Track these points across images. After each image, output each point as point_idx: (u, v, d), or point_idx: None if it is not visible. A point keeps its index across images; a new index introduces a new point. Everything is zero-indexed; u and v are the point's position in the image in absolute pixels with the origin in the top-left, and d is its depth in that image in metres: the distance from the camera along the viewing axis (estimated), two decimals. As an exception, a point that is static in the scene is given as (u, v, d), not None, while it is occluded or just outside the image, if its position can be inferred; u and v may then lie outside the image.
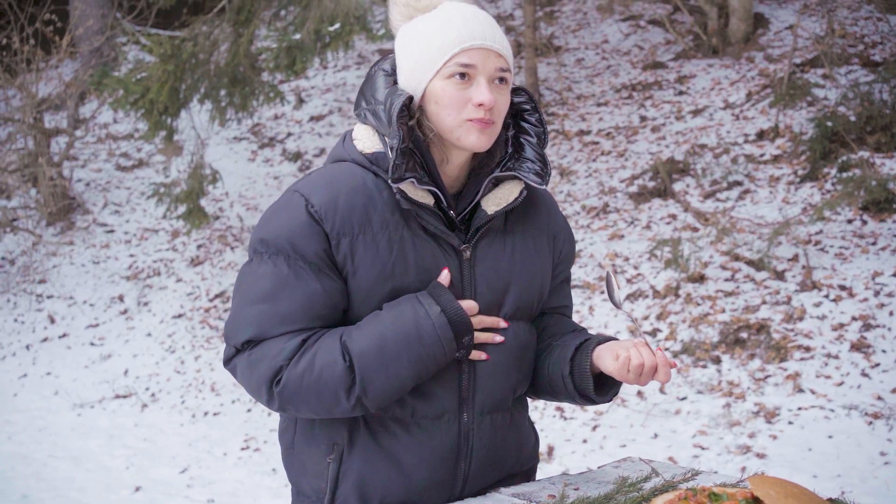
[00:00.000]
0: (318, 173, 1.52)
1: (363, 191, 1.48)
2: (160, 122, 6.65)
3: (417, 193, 1.47)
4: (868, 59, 7.43)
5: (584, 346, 1.57)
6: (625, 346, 1.49)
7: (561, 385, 1.58)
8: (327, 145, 9.40)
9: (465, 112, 1.46)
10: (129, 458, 5.37)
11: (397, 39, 1.54)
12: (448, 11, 1.50)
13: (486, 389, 1.54)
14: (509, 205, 1.54)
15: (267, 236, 1.47)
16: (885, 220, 5.69)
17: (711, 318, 5.37)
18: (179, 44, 6.24)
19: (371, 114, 1.50)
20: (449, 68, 1.46)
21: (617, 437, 4.68)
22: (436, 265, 1.50)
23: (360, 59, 11.07)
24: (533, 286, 1.60)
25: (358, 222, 1.46)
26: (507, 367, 1.56)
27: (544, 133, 1.57)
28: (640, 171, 7.24)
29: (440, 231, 1.50)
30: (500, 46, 1.48)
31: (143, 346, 7.03)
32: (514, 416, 1.62)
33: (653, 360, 1.45)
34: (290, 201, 1.48)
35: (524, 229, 1.61)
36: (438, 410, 1.51)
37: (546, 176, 1.54)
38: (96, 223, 8.97)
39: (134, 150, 10.18)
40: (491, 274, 1.55)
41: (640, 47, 9.35)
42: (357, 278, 1.46)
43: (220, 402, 6.06)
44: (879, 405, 4.36)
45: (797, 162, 6.58)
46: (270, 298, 1.44)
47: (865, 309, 5.03)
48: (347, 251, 1.45)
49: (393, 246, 1.47)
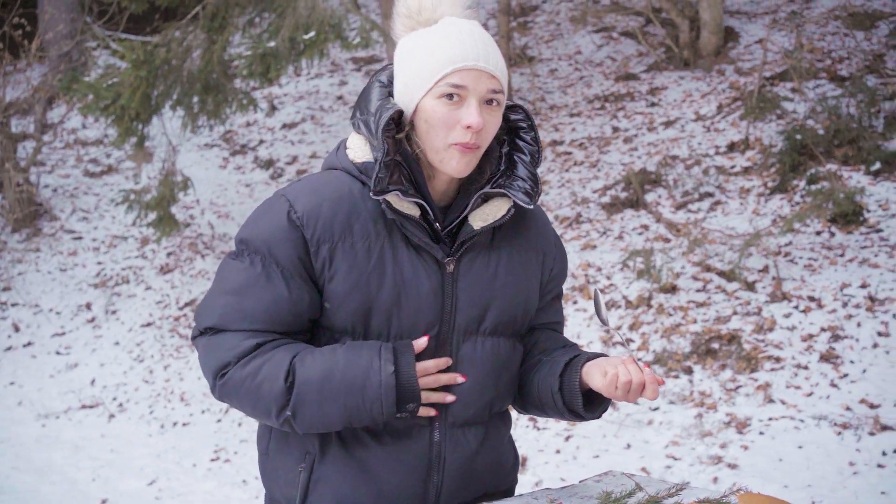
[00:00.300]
0: (307, 179, 1.55)
1: (348, 199, 1.50)
2: (131, 129, 6.57)
3: (403, 205, 1.48)
4: (835, 74, 7.55)
5: (573, 362, 1.57)
6: (613, 363, 1.48)
7: (550, 401, 1.58)
8: (300, 153, 9.36)
9: (453, 135, 1.46)
10: (96, 470, 5.28)
11: (397, 50, 1.55)
12: (446, 28, 1.49)
13: (459, 403, 1.54)
14: (496, 221, 1.54)
15: (248, 236, 1.50)
16: (853, 232, 5.77)
17: (683, 329, 5.41)
18: (152, 50, 6.18)
19: (363, 124, 1.51)
20: (440, 88, 1.46)
21: (590, 448, 4.69)
22: (415, 277, 1.50)
23: (333, 66, 11.05)
24: (516, 303, 1.59)
25: (339, 230, 1.47)
26: (483, 383, 1.56)
27: (538, 152, 1.56)
28: (612, 181, 7.29)
29: (424, 243, 1.50)
30: (493, 67, 1.48)
31: (110, 355, 6.93)
32: (489, 433, 1.61)
33: (640, 378, 1.45)
34: (275, 205, 1.50)
35: (511, 246, 1.60)
36: (410, 422, 1.51)
37: (535, 196, 1.54)
38: (63, 230, 8.84)
39: (103, 156, 10.06)
40: (473, 289, 1.54)
41: (612, 59, 9.42)
42: (333, 284, 1.48)
43: (189, 412, 5.99)
44: (848, 415, 4.41)
45: (767, 174, 6.66)
46: (239, 293, 1.48)
47: (834, 320, 5.09)
48: (326, 257, 1.47)
49: (372, 256, 1.48)
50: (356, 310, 1.48)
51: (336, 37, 6.04)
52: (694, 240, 5.90)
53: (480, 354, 1.55)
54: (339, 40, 6.04)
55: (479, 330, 1.55)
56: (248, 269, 1.48)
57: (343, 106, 10.22)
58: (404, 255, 1.50)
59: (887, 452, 4.11)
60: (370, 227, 1.49)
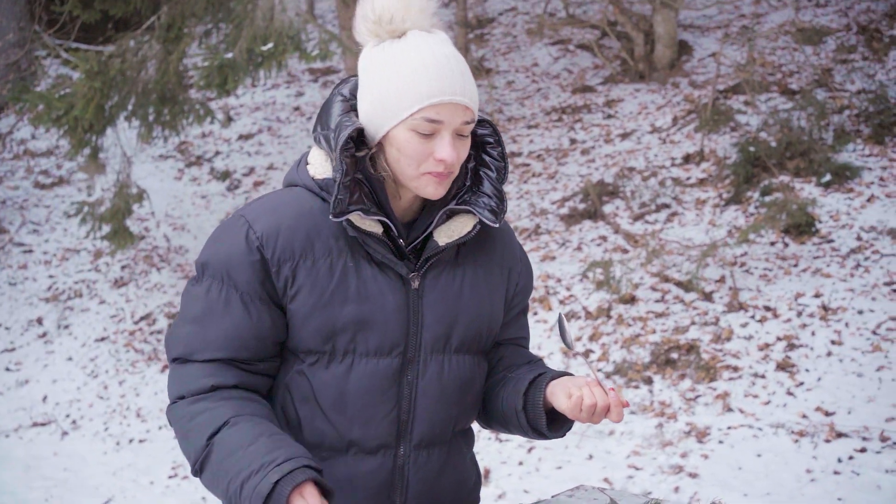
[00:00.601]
0: (266, 197, 1.52)
1: (308, 216, 1.47)
2: (84, 140, 6.45)
3: (365, 223, 1.45)
4: (786, 88, 7.71)
5: (537, 381, 1.56)
6: (577, 384, 1.48)
7: (514, 419, 1.57)
8: (256, 164, 9.28)
9: (426, 165, 1.45)
10: (49, 490, 5.16)
11: (363, 62, 1.49)
12: (422, 52, 1.44)
13: (424, 422, 1.53)
14: (461, 238, 1.52)
15: (207, 259, 1.48)
16: (806, 242, 5.89)
17: (643, 339, 5.46)
18: (107, 60, 6.08)
19: (324, 139, 1.49)
20: (415, 121, 1.42)
21: (552, 459, 4.71)
22: (380, 294, 1.48)
23: (290, 77, 10.98)
24: (481, 319, 1.58)
25: (300, 248, 1.45)
26: (447, 401, 1.55)
27: (504, 168, 1.55)
28: (570, 192, 7.35)
29: (387, 260, 1.48)
30: (469, 99, 1.45)
31: (63, 370, 6.77)
32: (452, 451, 1.60)
33: (605, 401, 1.45)
34: (234, 226, 1.48)
35: (476, 261, 1.58)
36: (375, 442, 1.51)
37: (501, 213, 1.52)
38: (13, 243, 8.64)
39: (53, 168, 9.86)
40: (439, 305, 1.53)
41: (569, 71, 9.52)
42: (296, 303, 1.46)
43: (146, 428, 5.88)
44: (804, 423, 4.49)
45: (722, 185, 6.77)
46: (200, 321, 1.47)
47: (789, 329, 5.19)
48: (288, 276, 1.45)
49: (334, 273, 1.46)
50: (319, 328, 1.46)
51: (294, 48, 6.01)
52: (652, 251, 5.97)
53: (447, 373, 1.54)
54: (297, 52, 6.01)
55: (446, 348, 1.53)
56: (208, 295, 1.46)
57: (300, 117, 10.16)
58: (367, 271, 1.48)
59: (843, 459, 4.19)
60: (332, 244, 1.47)
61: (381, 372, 1.49)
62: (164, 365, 6.60)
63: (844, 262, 5.60)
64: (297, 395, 1.50)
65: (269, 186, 8.84)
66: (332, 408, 1.49)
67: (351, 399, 1.49)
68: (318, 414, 1.49)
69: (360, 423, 1.49)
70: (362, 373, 1.48)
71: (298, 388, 1.50)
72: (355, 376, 1.48)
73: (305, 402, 1.50)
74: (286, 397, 1.51)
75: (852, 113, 6.97)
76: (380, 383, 1.49)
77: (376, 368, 1.49)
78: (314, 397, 1.49)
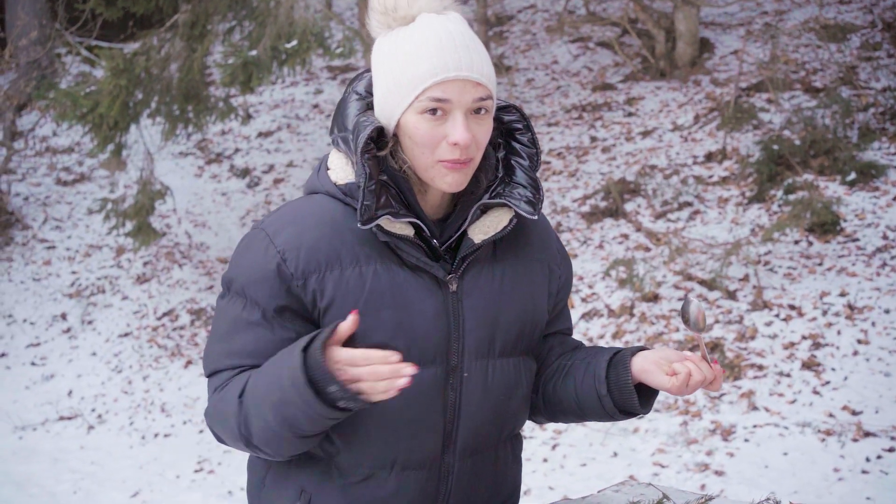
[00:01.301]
0: (286, 208, 1.45)
1: (330, 224, 1.39)
2: (108, 137, 6.50)
3: (395, 226, 1.37)
4: (810, 85, 7.67)
5: (615, 361, 1.48)
6: (670, 359, 1.42)
7: (595, 404, 1.50)
8: (276, 161, 9.32)
9: (439, 151, 1.35)
10: (77, 483, 5.20)
11: (373, 54, 1.42)
12: (424, 31, 1.35)
13: (469, 430, 1.45)
14: (498, 234, 1.43)
15: (231, 276, 1.43)
16: (830, 241, 5.86)
17: (666, 337, 5.45)
18: (132, 58, 6.12)
19: (342, 141, 1.41)
20: (421, 103, 1.34)
21: (577, 456, 4.71)
22: (417, 300, 1.40)
23: (309, 75, 11.01)
24: (524, 318, 1.49)
25: (325, 259, 1.38)
26: (492, 407, 1.47)
27: (537, 154, 1.46)
28: (591, 191, 7.34)
29: (422, 263, 1.40)
30: (478, 74, 1.35)
31: (87, 365, 6.83)
32: (498, 457, 1.52)
33: (711, 375, 1.41)
34: (254, 240, 1.42)
35: (515, 257, 1.50)
36: (420, 456, 1.43)
37: (538, 203, 1.44)
38: (36, 239, 8.71)
39: (75, 165, 9.92)
40: (480, 307, 1.44)
41: (589, 69, 9.50)
42: (330, 315, 1.38)
43: (170, 423, 5.92)
44: (831, 422, 4.47)
45: (745, 184, 6.74)
46: (226, 339, 1.42)
47: (814, 328, 5.17)
48: (316, 288, 1.38)
49: (364, 281, 1.38)
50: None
51: (318, 45, 6.03)
52: (675, 249, 5.96)
53: (491, 379, 1.45)
54: (321, 49, 6.03)
55: (489, 352, 1.45)
56: (232, 312, 1.42)
57: (319, 115, 10.19)
58: (400, 276, 1.40)
59: (871, 458, 4.17)
60: (358, 250, 1.39)
61: (426, 383, 1.40)
62: (187, 360, 6.65)
63: (870, 260, 5.57)
64: None
65: (289, 184, 8.87)
66: (374, 424, 1.41)
67: (395, 414, 1.40)
68: (358, 432, 1.41)
69: (405, 439, 1.42)
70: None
71: None
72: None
73: (344, 422, 1.39)
74: None
75: (877, 111, 6.93)
76: (424, 395, 1.41)
77: (420, 379, 1.37)
78: (354, 415, 1.38)
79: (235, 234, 8.20)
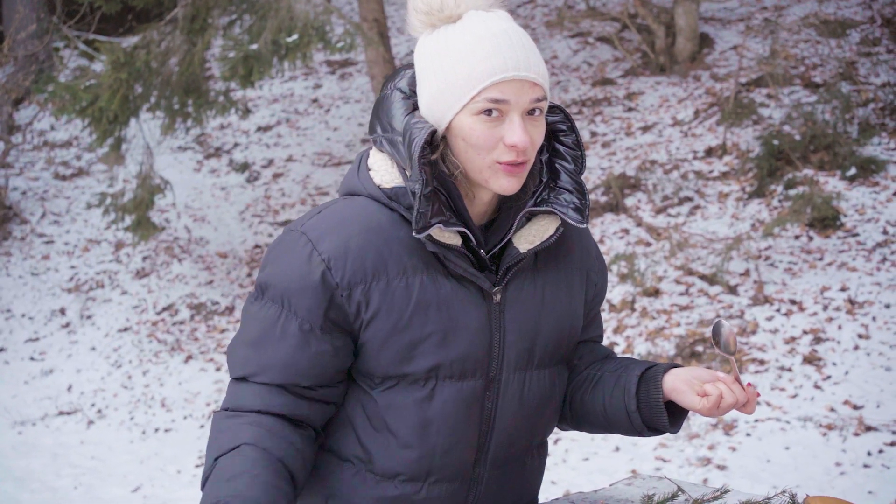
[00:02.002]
0: (329, 212, 1.37)
1: (377, 232, 1.34)
2: (108, 131, 6.48)
3: (444, 235, 1.33)
4: (809, 81, 7.68)
5: (647, 377, 1.45)
6: (703, 378, 1.38)
7: (624, 420, 1.47)
8: (275, 156, 9.30)
9: (496, 153, 1.31)
10: (77, 478, 5.20)
11: (417, 53, 1.37)
12: (476, 30, 1.31)
13: (502, 441, 1.43)
14: (543, 243, 1.39)
15: (267, 280, 1.37)
16: (830, 236, 5.87)
17: (667, 332, 5.46)
18: (132, 51, 6.11)
19: (388, 142, 1.35)
20: (477, 104, 1.29)
21: (579, 451, 4.72)
22: (462, 312, 1.36)
23: (308, 69, 10.99)
24: (563, 329, 1.47)
25: (371, 268, 1.33)
26: (526, 417, 1.45)
27: (582, 157, 1.41)
28: (591, 185, 7.34)
29: (469, 273, 1.35)
30: (535, 74, 1.30)
31: (87, 360, 6.82)
32: (526, 466, 1.51)
33: (744, 398, 1.36)
34: (296, 245, 1.34)
35: (556, 267, 1.45)
36: (455, 468, 1.41)
37: (586, 210, 1.38)
38: (34, 233, 8.69)
39: (73, 159, 9.90)
40: (521, 319, 1.41)
41: (589, 64, 9.49)
42: (372, 328, 1.34)
43: (171, 417, 5.91)
44: (832, 416, 4.48)
45: (745, 179, 6.75)
46: (256, 345, 1.36)
47: (815, 323, 5.18)
48: (361, 300, 1.33)
49: (411, 293, 1.34)
50: (398, 353, 1.35)
51: (319, 39, 6.01)
52: (676, 244, 5.96)
53: (528, 391, 1.43)
54: (322, 43, 6.01)
55: (528, 364, 1.43)
56: (265, 318, 1.36)
57: (318, 109, 10.17)
58: (446, 287, 1.35)
59: (872, 452, 4.18)
60: (405, 260, 1.34)
61: (466, 395, 1.38)
62: (187, 355, 6.64)
63: (871, 255, 5.58)
64: (368, 422, 1.39)
65: (289, 179, 8.86)
66: (412, 436, 1.37)
67: (435, 426, 1.37)
68: (394, 443, 1.38)
69: (441, 452, 1.39)
70: (447, 397, 1.37)
71: (371, 416, 1.39)
72: (438, 401, 1.37)
73: (379, 432, 1.38)
74: (354, 425, 1.41)
75: (877, 106, 6.94)
76: (465, 407, 1.38)
77: (460, 392, 1.37)
78: (390, 425, 1.38)
79: (235, 229, 8.19)
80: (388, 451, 1.39)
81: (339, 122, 9.72)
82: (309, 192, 8.53)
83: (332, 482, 1.43)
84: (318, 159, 9.10)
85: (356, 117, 9.65)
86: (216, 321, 6.98)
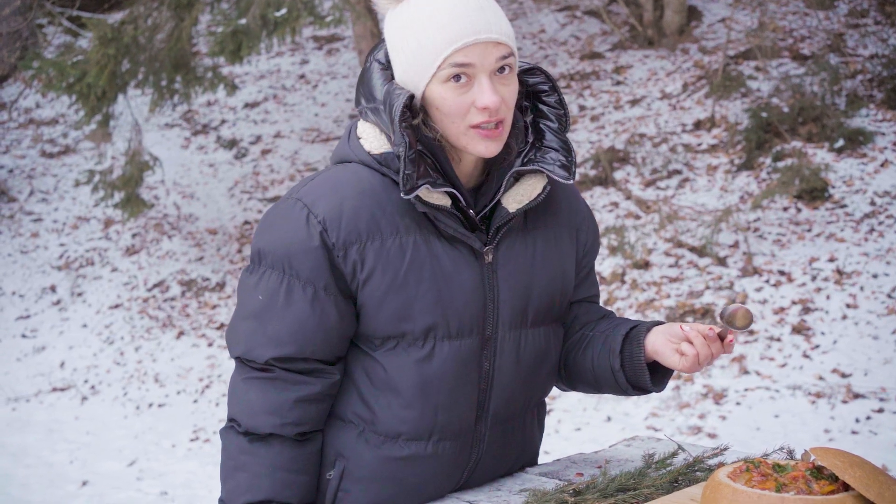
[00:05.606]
0: (321, 178, 1.42)
1: (370, 194, 1.38)
2: (96, 108, 6.44)
3: (433, 196, 1.36)
4: (798, 53, 7.70)
5: (630, 337, 1.48)
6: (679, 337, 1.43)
7: (610, 379, 1.51)
8: (263, 132, 9.26)
9: (469, 117, 1.34)
10: (73, 452, 5.22)
11: (385, 28, 1.40)
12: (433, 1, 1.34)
13: (501, 399, 1.47)
14: (532, 202, 1.42)
15: (264, 247, 1.39)
16: (819, 207, 5.92)
17: (657, 304, 5.51)
18: (119, 27, 6.06)
19: (371, 112, 1.40)
20: (444, 71, 1.32)
21: (571, 421, 4.77)
22: (455, 271, 1.40)
23: (294, 45, 10.92)
24: (555, 287, 1.50)
25: (365, 229, 1.37)
26: (523, 376, 1.49)
27: (566, 116, 1.44)
28: (580, 159, 7.36)
29: (460, 234, 1.39)
30: (497, 34, 1.33)
31: (79, 337, 6.82)
32: (526, 424, 1.55)
33: (720, 351, 1.42)
34: (292, 211, 1.38)
35: (546, 225, 1.49)
36: (457, 426, 1.44)
37: (572, 167, 1.41)
38: (22, 211, 8.65)
39: (60, 136, 9.83)
40: (514, 278, 1.44)
41: (576, 37, 9.48)
42: (369, 287, 1.38)
43: (164, 392, 5.93)
44: (821, 385, 4.55)
45: (733, 151, 6.78)
46: (259, 317, 1.38)
47: (804, 293, 5.24)
48: (357, 259, 1.37)
49: (405, 252, 1.38)
50: (396, 312, 1.38)
51: (308, 14, 5.98)
52: (665, 216, 6.00)
53: (524, 348, 1.47)
54: (311, 17, 5.98)
55: (522, 322, 1.46)
56: (266, 286, 1.38)
57: (305, 85, 10.13)
58: (438, 247, 1.39)
59: (860, 419, 4.25)
60: (398, 221, 1.38)
61: (464, 354, 1.42)
62: (179, 331, 6.65)
63: (858, 226, 5.63)
64: (371, 384, 1.43)
65: (277, 155, 8.83)
66: (414, 396, 1.41)
67: (435, 385, 1.41)
68: (396, 403, 1.42)
69: (444, 410, 1.43)
70: (446, 356, 1.41)
71: (373, 377, 1.42)
72: (438, 360, 1.40)
73: (382, 392, 1.42)
74: (357, 387, 1.44)
75: (865, 78, 6.98)
76: (463, 366, 1.42)
77: (459, 350, 1.41)
78: (392, 385, 1.41)
79: (224, 205, 8.17)
80: (391, 410, 1.42)
81: (327, 98, 9.68)
82: (297, 168, 8.51)
83: (337, 444, 1.46)
84: (307, 135, 9.07)
85: (343, 93, 9.61)
86: (207, 297, 6.99)
